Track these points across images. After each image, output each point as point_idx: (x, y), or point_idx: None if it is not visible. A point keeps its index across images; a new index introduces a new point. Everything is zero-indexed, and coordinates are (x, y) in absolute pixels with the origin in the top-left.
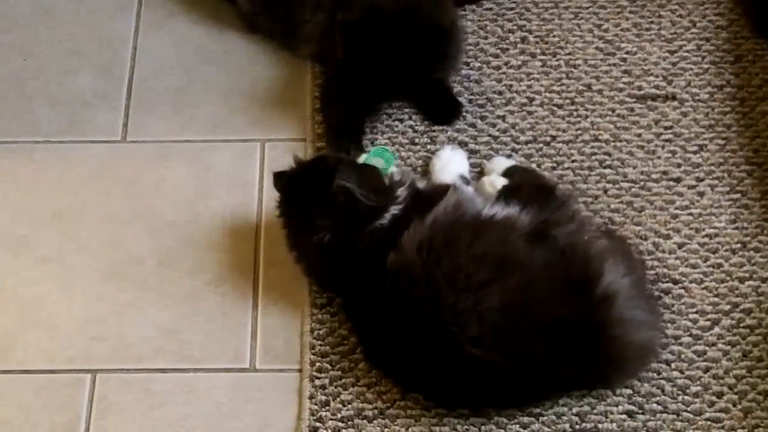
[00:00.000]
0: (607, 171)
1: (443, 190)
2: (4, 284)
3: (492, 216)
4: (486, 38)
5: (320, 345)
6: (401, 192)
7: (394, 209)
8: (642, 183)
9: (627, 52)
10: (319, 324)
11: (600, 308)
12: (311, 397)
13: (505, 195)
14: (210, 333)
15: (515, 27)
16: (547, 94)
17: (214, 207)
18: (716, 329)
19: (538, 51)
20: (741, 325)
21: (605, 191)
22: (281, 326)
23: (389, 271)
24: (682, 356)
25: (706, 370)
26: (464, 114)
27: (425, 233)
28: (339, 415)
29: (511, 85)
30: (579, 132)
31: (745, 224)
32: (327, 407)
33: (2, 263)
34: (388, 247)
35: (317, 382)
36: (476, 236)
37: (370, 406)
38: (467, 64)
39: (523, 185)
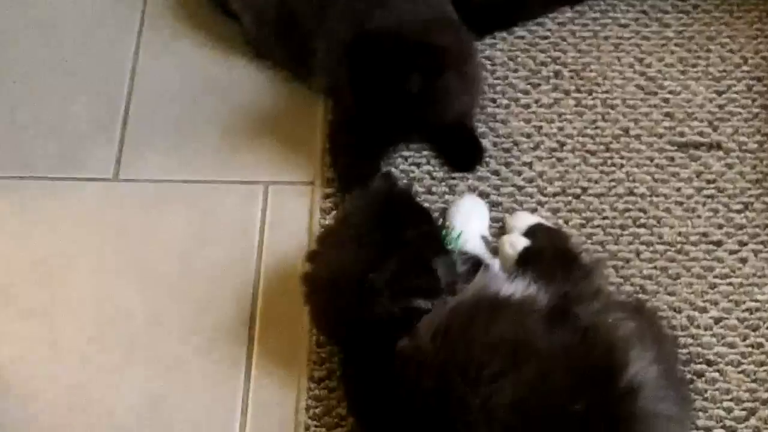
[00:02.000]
0: (641, 231)
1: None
2: None
3: (510, 296)
4: (516, 71)
5: (315, 426)
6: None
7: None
8: (679, 246)
9: (670, 92)
10: (316, 401)
11: (623, 402)
12: None
13: (525, 259)
14: (198, 406)
15: (549, 59)
16: (580, 138)
17: (210, 258)
18: (752, 421)
19: (573, 88)
20: None
21: (638, 254)
22: (275, 402)
23: (398, 355)
24: None
25: None
26: (487, 159)
27: (443, 320)
28: None
29: (540, 127)
30: (612, 184)
31: None
32: None
33: None
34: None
35: None
36: (492, 320)
37: None
38: (494, 101)
39: (546, 250)
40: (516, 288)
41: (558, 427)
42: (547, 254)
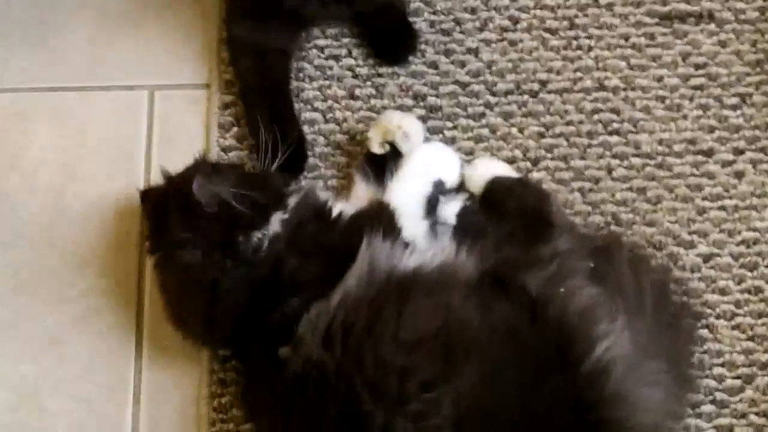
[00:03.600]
0: (614, 139)
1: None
2: None
3: (419, 268)
4: None
5: (222, 421)
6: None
7: (280, 216)
8: (660, 158)
9: None
10: (221, 387)
11: (591, 385)
12: None
13: (491, 191)
14: (80, 393)
15: None
16: (538, 12)
17: (86, 193)
18: (748, 392)
19: None
20: None
21: (609, 171)
22: (172, 386)
23: (286, 370)
24: None
25: None
26: (422, 47)
27: (333, 318)
28: None
29: None
30: (578, 74)
31: None
32: None
33: None
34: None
35: None
36: (404, 308)
37: None
38: None
39: (517, 193)
40: (424, 256)
41: None
42: (517, 201)
